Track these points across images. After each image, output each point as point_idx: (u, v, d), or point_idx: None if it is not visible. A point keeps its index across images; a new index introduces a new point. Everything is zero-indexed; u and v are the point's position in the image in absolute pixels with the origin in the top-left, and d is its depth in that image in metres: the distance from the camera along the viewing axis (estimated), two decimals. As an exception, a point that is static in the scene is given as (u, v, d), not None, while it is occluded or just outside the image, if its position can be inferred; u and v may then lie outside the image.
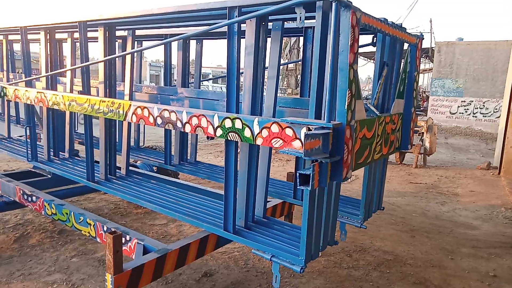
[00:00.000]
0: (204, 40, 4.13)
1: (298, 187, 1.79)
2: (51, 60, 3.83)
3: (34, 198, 3.49)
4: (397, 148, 2.77)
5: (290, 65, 15.03)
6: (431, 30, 24.27)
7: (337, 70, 1.81)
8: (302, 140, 1.76)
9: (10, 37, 5.12)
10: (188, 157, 4.23)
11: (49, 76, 3.81)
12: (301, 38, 3.20)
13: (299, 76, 16.42)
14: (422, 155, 9.13)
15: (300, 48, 14.94)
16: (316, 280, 3.49)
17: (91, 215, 3.07)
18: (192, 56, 4.13)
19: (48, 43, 3.77)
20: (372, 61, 27.92)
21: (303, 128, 1.78)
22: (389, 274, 3.69)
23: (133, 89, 3.49)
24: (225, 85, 2.34)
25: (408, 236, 4.70)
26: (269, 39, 2.55)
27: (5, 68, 5.11)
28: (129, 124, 3.54)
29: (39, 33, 3.88)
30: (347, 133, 1.84)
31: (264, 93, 2.52)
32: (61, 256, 3.76)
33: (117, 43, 3.97)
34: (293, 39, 14.48)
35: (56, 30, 3.83)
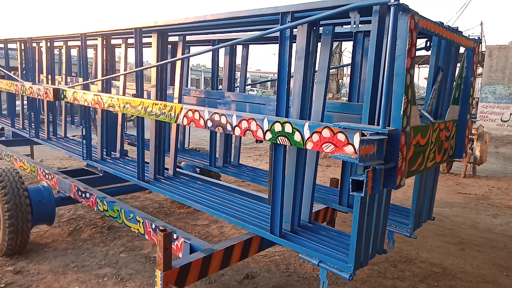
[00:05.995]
0: (249, 45, 4.20)
1: (350, 193, 1.77)
2: (106, 64, 4.04)
3: (87, 194, 3.69)
4: (451, 156, 2.66)
5: (331, 70, 14.93)
6: (481, 33, 23.02)
7: (394, 75, 1.78)
8: (356, 145, 1.74)
9: (68, 43, 5.48)
10: (232, 160, 4.29)
11: (104, 80, 4.03)
12: (343, 43, 3.16)
13: (340, 80, 16.19)
14: (472, 164, 8.66)
15: (342, 52, 14.76)
16: (359, 289, 3.41)
17: (141, 213, 3.20)
18: (237, 60, 4.21)
19: (104, 49, 3.98)
20: (416, 65, 26.92)
21: (356, 133, 1.76)
22: (437, 287, 3.53)
23: (182, 93, 3.61)
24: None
25: (457, 248, 4.48)
26: (318, 43, 2.54)
27: (63, 72, 5.47)
28: (177, 126, 3.66)
29: (96, 39, 4.12)
30: (402, 140, 1.80)
31: (313, 98, 2.52)
32: (111, 251, 3.94)
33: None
34: (335, 44, 14.34)
35: (111, 36, 4.05)
